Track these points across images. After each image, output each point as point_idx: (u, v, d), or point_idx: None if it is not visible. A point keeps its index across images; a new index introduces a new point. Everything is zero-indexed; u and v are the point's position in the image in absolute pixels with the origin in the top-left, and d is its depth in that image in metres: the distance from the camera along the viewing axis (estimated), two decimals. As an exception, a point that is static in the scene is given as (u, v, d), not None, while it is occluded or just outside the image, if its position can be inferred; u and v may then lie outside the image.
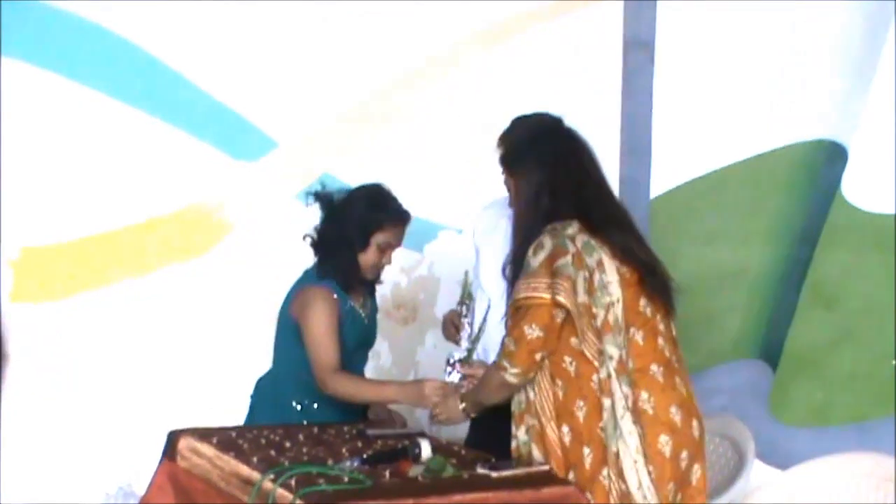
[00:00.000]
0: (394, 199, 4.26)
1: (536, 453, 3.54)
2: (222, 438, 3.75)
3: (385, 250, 4.21)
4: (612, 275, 3.51)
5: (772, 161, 5.31)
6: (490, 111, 5.31)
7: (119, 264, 5.14)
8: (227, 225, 5.22)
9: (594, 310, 3.48)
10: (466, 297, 4.15)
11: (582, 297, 3.49)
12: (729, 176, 5.31)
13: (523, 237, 3.65)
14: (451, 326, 4.21)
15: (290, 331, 4.21)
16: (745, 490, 4.11)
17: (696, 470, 3.51)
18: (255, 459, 3.50)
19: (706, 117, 5.37)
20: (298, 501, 3.18)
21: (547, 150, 3.69)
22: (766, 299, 5.32)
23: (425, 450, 3.48)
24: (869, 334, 5.21)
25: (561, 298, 3.47)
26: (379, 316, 5.14)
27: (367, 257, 4.19)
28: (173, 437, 3.86)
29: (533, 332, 3.49)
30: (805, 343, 5.23)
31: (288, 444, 3.71)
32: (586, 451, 3.46)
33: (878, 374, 5.19)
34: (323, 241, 4.23)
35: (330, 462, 3.48)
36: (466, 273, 4.18)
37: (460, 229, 5.37)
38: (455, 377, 3.89)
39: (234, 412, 4.93)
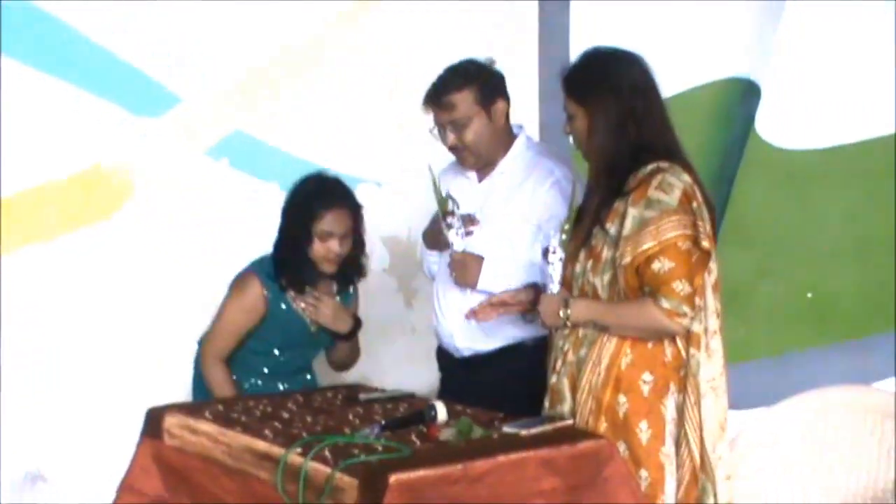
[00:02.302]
0: (333, 184, 4.13)
1: (566, 390, 3.49)
2: (214, 412, 3.54)
3: (327, 239, 4.05)
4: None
5: (687, 101, 5.30)
6: (404, 60, 5.19)
7: (15, 232, 4.78)
8: (131, 186, 4.93)
9: (711, 265, 3.41)
10: (451, 204, 3.95)
11: None
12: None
13: (607, 169, 3.46)
14: (437, 234, 4.07)
15: None
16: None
17: None
18: (267, 433, 3.31)
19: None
20: (339, 474, 3.00)
21: (624, 76, 3.49)
22: (685, 239, 5.33)
23: (441, 412, 3.35)
24: (785, 269, 5.29)
25: (705, 243, 3.36)
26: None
27: (314, 250, 4.07)
28: (155, 415, 3.62)
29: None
30: (725, 280, 5.23)
31: (286, 416, 3.53)
32: (647, 376, 3.40)
33: (795, 309, 5.28)
34: (277, 241, 4.15)
35: (348, 431, 3.31)
36: (431, 173, 4.01)
37: (379, 182, 5.21)
38: (558, 266, 3.53)
39: (142, 382, 4.71)
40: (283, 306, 4.11)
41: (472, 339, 4.09)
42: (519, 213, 4.01)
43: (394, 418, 3.40)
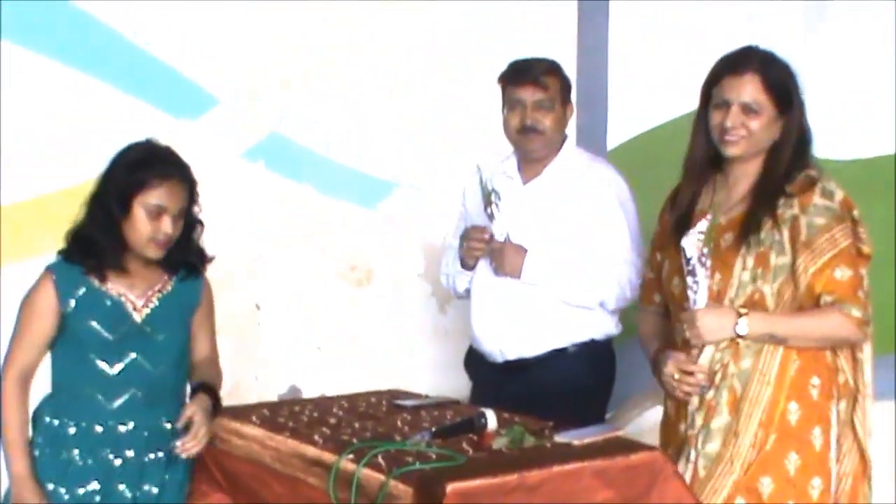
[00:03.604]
0: (166, 153, 3.54)
1: (724, 404, 3.43)
2: (261, 417, 3.52)
3: (159, 216, 3.45)
4: None
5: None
6: (440, 65, 5.17)
7: (51, 232, 4.74)
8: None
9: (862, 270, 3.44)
10: (494, 197, 3.97)
11: None
12: (686, 124, 5.19)
13: (784, 175, 3.44)
14: (476, 238, 4.07)
15: None
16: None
17: None
18: (317, 438, 3.29)
19: (661, 65, 5.32)
20: (393, 482, 2.98)
21: (800, 90, 3.49)
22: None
23: (491, 420, 3.33)
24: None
25: (866, 249, 3.40)
26: (334, 278, 4.96)
27: (136, 227, 3.45)
28: (203, 420, 3.60)
29: None
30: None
31: (334, 421, 3.51)
32: (815, 380, 3.39)
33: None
34: (80, 222, 3.54)
35: (398, 438, 3.28)
36: (479, 171, 4.03)
37: (415, 187, 5.20)
38: (704, 278, 3.36)
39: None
40: (84, 292, 3.49)
41: (523, 343, 4.07)
42: (573, 214, 4.01)
43: (444, 425, 3.37)
